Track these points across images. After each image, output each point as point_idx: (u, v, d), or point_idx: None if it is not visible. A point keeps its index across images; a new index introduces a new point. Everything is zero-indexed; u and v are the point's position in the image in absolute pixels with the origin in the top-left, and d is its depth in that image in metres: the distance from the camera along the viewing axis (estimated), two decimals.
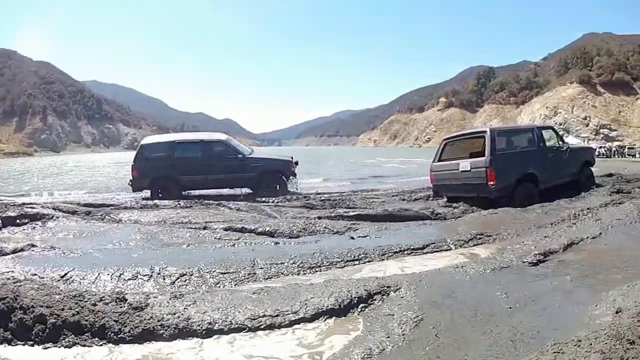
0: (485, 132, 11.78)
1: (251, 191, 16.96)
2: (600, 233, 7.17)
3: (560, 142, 13.60)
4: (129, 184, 16.75)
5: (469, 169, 11.57)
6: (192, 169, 16.48)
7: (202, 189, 17.20)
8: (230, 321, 3.92)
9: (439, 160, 13.00)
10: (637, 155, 73.02)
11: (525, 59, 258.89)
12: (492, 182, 11.00)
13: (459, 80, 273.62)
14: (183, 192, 16.50)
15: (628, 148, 79.87)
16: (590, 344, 3.12)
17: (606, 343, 3.08)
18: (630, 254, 6.09)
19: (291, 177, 17.46)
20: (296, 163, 17.86)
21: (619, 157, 72.60)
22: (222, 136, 18.46)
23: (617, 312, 3.75)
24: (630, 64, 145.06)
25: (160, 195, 15.79)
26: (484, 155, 11.26)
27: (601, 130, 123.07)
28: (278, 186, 16.97)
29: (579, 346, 3.13)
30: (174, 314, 3.94)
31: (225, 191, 17.28)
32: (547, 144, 12.96)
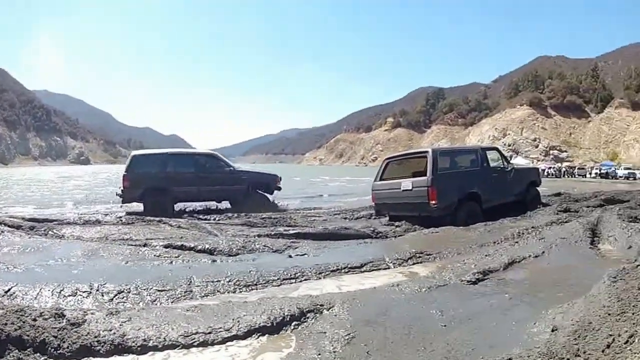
0: (427, 152, 11.99)
1: (230, 206, 17.61)
2: (544, 252, 7.24)
3: (505, 163, 13.99)
4: (118, 195, 16.66)
5: (410, 188, 11.72)
6: (184, 180, 16.77)
7: (194, 201, 17.66)
8: (164, 338, 3.92)
9: (381, 180, 13.16)
10: (588, 176, 75.67)
11: (476, 81, 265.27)
12: (433, 202, 11.15)
13: (408, 100, 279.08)
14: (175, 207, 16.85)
15: (578, 168, 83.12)
16: None
17: None
18: (574, 272, 6.14)
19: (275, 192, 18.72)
20: (280, 179, 18.91)
21: (568, 177, 75.37)
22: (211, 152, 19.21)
23: (552, 330, 3.73)
24: (582, 87, 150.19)
25: (152, 208, 15.74)
26: (426, 175, 11.43)
27: (551, 152, 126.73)
28: (264, 202, 17.71)
29: None
30: (110, 330, 3.95)
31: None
32: (492, 164, 13.30)
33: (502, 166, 13.68)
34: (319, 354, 3.64)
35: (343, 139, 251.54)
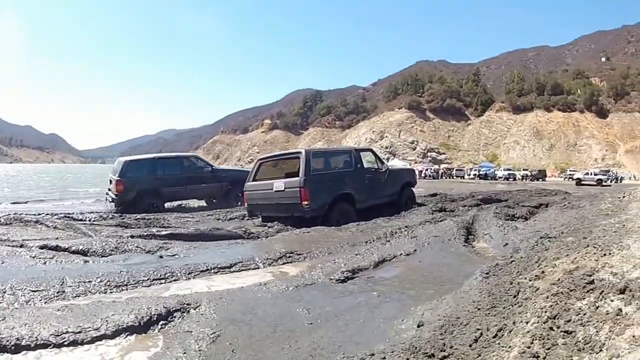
0: (300, 152, 12.05)
1: (206, 204, 20.11)
2: (415, 250, 7.49)
3: (379, 164, 14.26)
4: (111, 200, 18.32)
5: (283, 188, 11.73)
6: (173, 181, 18.64)
7: (182, 199, 19.87)
8: (37, 337, 3.95)
9: (254, 180, 13.06)
10: (466, 177, 78.91)
11: (355, 84, 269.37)
12: (306, 202, 11.22)
13: (285, 102, 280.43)
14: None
15: (456, 170, 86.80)
16: (384, 358, 3.15)
17: (400, 357, 3.12)
18: (446, 269, 6.38)
19: None
20: None
21: (447, 178, 78.22)
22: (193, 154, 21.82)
23: (418, 326, 3.82)
24: (463, 91, 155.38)
25: (145, 209, 16.97)
26: (298, 176, 11.46)
27: (429, 154, 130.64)
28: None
29: None
30: None
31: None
32: (366, 165, 13.56)
33: (376, 167, 13.97)
34: (185, 353, 3.72)
35: (220, 141, 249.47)
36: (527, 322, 3.16)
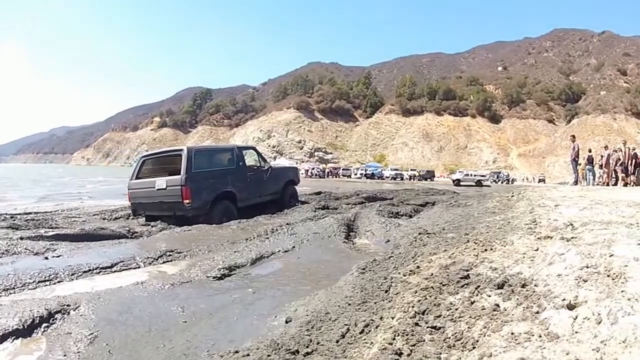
0: (182, 150, 11.84)
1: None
2: (294, 246, 7.63)
3: (262, 162, 14.26)
4: None
5: (165, 187, 11.53)
6: None
7: None
8: None
9: (137, 178, 12.70)
10: (353, 176, 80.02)
11: (245, 83, 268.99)
12: (187, 200, 11.08)
13: (175, 100, 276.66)
14: None
15: (343, 169, 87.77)
16: (247, 355, 3.18)
17: (263, 353, 3.16)
18: (324, 265, 6.53)
19: None
20: None
21: (333, 177, 78.88)
22: None
23: (287, 322, 3.89)
24: (353, 93, 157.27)
25: None
26: (180, 174, 11.31)
27: (316, 153, 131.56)
28: None
29: (233, 357, 3.21)
30: None
31: None
32: (248, 163, 13.56)
33: (258, 165, 14.22)
34: (65, 355, 3.72)
35: (110, 138, 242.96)
36: (393, 318, 3.22)
